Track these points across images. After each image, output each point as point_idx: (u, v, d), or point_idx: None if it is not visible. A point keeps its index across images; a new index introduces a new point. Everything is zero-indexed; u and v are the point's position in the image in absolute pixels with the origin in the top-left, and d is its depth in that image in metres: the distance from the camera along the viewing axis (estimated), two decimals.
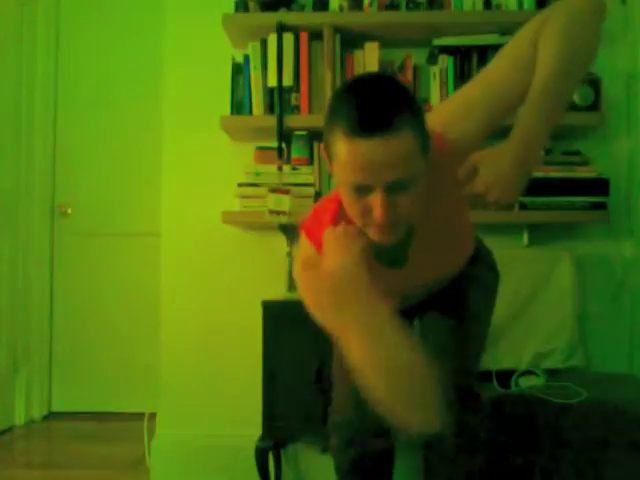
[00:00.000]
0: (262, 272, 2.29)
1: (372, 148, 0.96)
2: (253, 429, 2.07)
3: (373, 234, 1.07)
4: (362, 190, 1.01)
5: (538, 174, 2.09)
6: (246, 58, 2.17)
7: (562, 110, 1.09)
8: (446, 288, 1.36)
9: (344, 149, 0.99)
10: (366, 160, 0.97)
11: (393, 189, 1.00)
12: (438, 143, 1.09)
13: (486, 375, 1.95)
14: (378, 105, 0.98)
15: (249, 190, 2.13)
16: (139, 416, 2.40)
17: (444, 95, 2.15)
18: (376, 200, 1.00)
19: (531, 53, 1.10)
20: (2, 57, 2.96)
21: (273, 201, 2.08)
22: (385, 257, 1.20)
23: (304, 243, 1.22)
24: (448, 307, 1.37)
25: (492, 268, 1.49)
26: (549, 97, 1.06)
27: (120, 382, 3.17)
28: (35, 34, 3.15)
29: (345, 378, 1.49)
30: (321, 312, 1.13)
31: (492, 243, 1.53)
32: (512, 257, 2.12)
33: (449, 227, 1.25)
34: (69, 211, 3.29)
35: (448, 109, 1.18)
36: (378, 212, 1.00)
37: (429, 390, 1.03)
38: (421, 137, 1.01)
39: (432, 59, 2.21)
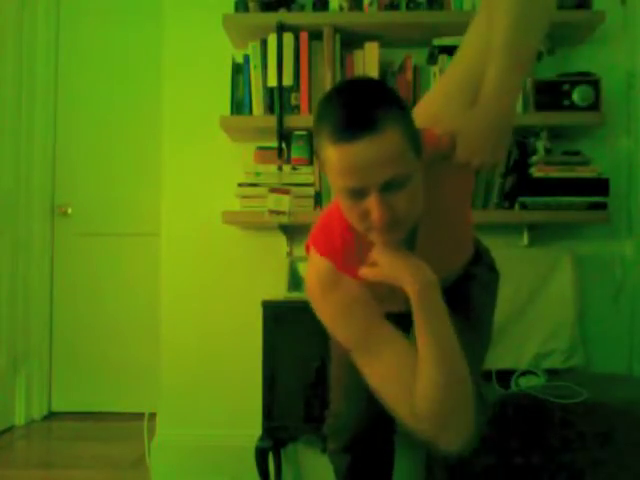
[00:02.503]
0: (262, 272, 2.29)
1: (359, 151, 0.96)
2: (253, 429, 2.07)
3: (376, 237, 1.06)
4: (357, 194, 1.00)
5: (538, 174, 2.09)
6: (246, 58, 2.17)
7: (528, 60, 1.11)
8: (448, 289, 1.36)
9: (332, 155, 0.99)
10: (355, 163, 0.97)
11: (387, 189, 0.99)
12: (429, 138, 1.09)
13: (486, 375, 1.95)
14: (358, 107, 0.97)
15: (249, 190, 2.13)
16: (139, 416, 2.39)
17: None
18: (372, 202, 0.99)
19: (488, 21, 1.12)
20: (2, 57, 2.96)
21: (273, 201, 2.08)
22: None
23: (317, 261, 1.19)
24: (451, 309, 1.37)
25: (492, 268, 1.49)
26: (509, 51, 1.07)
27: (120, 382, 3.17)
28: (35, 34, 3.15)
29: (342, 381, 1.49)
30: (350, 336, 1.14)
31: (492, 243, 1.52)
32: (512, 257, 2.13)
33: (451, 224, 1.24)
34: (69, 211, 3.29)
35: (431, 99, 1.19)
36: (376, 214, 0.99)
37: (471, 400, 1.06)
38: (409, 133, 1.00)
39: (432, 59, 2.21)
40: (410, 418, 1.06)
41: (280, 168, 2.13)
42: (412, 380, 1.05)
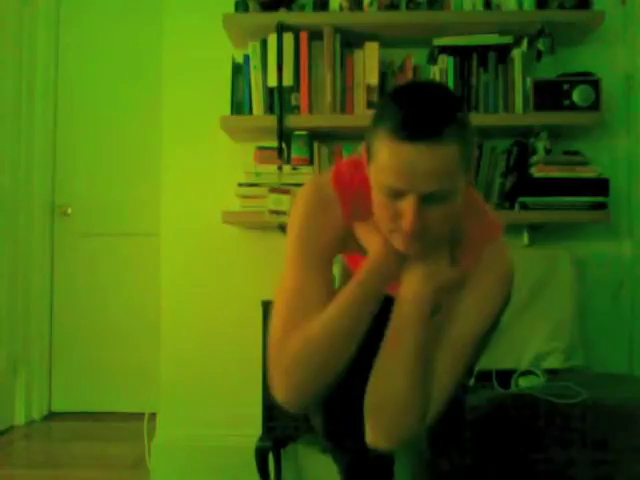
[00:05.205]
0: (262, 272, 2.29)
1: (416, 154, 0.95)
2: (253, 429, 2.07)
3: (398, 241, 1.05)
4: (396, 195, 0.99)
5: (538, 174, 2.09)
6: (246, 58, 2.17)
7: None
8: None
9: (387, 151, 0.97)
10: (407, 165, 0.96)
11: (427, 199, 0.98)
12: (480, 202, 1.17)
13: (486, 375, 1.95)
14: (429, 112, 0.96)
15: (249, 190, 2.13)
16: (139, 416, 2.39)
17: None
18: (408, 207, 0.98)
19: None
20: (2, 57, 2.96)
21: (273, 201, 2.08)
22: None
23: (326, 182, 1.20)
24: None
25: None
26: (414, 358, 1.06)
27: (120, 382, 3.17)
28: (35, 34, 3.15)
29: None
30: None
31: None
32: (512, 257, 2.12)
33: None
34: (69, 211, 3.29)
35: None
36: (408, 219, 0.98)
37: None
38: (465, 152, 1.00)
39: (432, 59, 2.21)
40: (275, 347, 1.13)
41: (280, 168, 2.13)
42: (304, 317, 1.08)
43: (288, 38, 2.13)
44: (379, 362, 1.07)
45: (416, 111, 0.96)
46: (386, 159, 0.98)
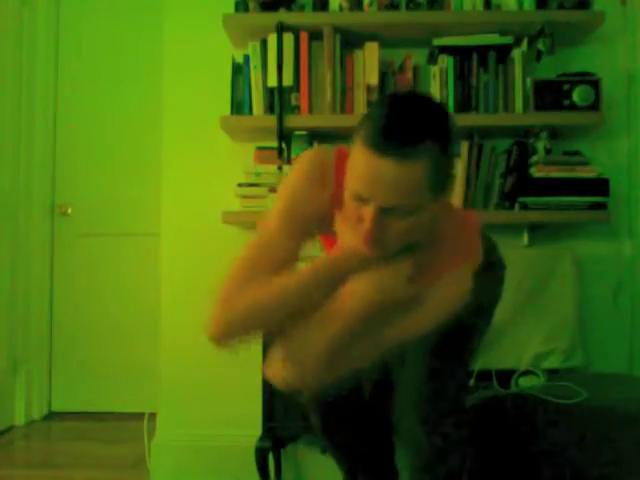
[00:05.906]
0: None
1: (382, 167, 0.96)
2: (253, 429, 2.07)
3: (361, 242, 1.06)
4: (361, 200, 1.01)
5: (538, 174, 2.10)
6: (246, 58, 2.17)
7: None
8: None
9: (358, 157, 0.99)
10: (372, 176, 0.97)
11: (389, 211, 0.99)
12: (468, 221, 1.18)
13: (486, 375, 1.95)
14: (402, 129, 0.97)
15: (249, 190, 2.13)
16: (139, 416, 2.39)
17: (444, 95, 2.15)
18: (368, 215, 1.00)
19: None
20: (2, 57, 2.96)
21: (273, 201, 2.07)
22: None
23: (326, 154, 1.20)
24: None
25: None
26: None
27: (120, 382, 3.17)
28: (35, 34, 3.15)
29: None
30: None
31: None
32: (512, 257, 2.12)
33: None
34: (69, 211, 3.29)
35: None
36: (366, 227, 1.00)
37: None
38: (437, 174, 0.99)
39: (432, 59, 2.21)
40: (225, 290, 1.20)
41: (280, 168, 2.13)
42: (261, 275, 1.17)
43: (288, 38, 2.13)
44: (308, 325, 1.11)
45: (391, 126, 0.97)
46: (356, 164, 1.00)
